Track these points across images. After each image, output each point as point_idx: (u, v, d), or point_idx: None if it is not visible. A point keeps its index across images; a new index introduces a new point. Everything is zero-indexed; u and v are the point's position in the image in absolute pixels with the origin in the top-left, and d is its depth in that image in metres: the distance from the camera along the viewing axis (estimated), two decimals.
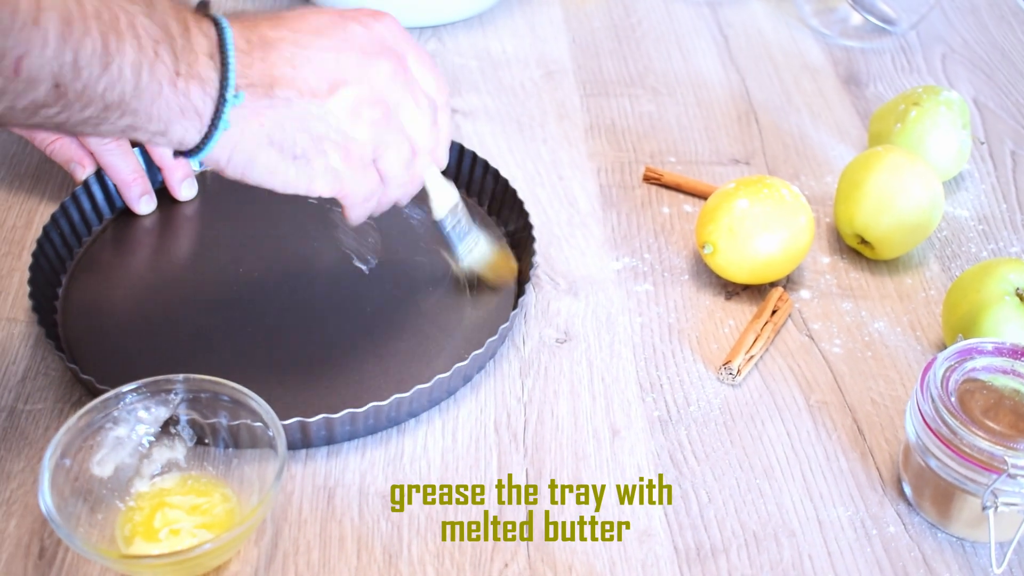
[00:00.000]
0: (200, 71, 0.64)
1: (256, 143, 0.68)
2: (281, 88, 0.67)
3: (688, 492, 0.76)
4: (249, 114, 0.67)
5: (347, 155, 0.71)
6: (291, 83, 0.67)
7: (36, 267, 0.83)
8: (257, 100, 0.66)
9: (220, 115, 0.65)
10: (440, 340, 0.84)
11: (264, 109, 0.67)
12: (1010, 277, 0.81)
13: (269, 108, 0.67)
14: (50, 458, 0.66)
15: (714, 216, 0.88)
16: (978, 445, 0.68)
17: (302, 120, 0.68)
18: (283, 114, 0.68)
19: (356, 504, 0.74)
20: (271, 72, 0.67)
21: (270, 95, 0.67)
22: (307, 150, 0.69)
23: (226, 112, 0.65)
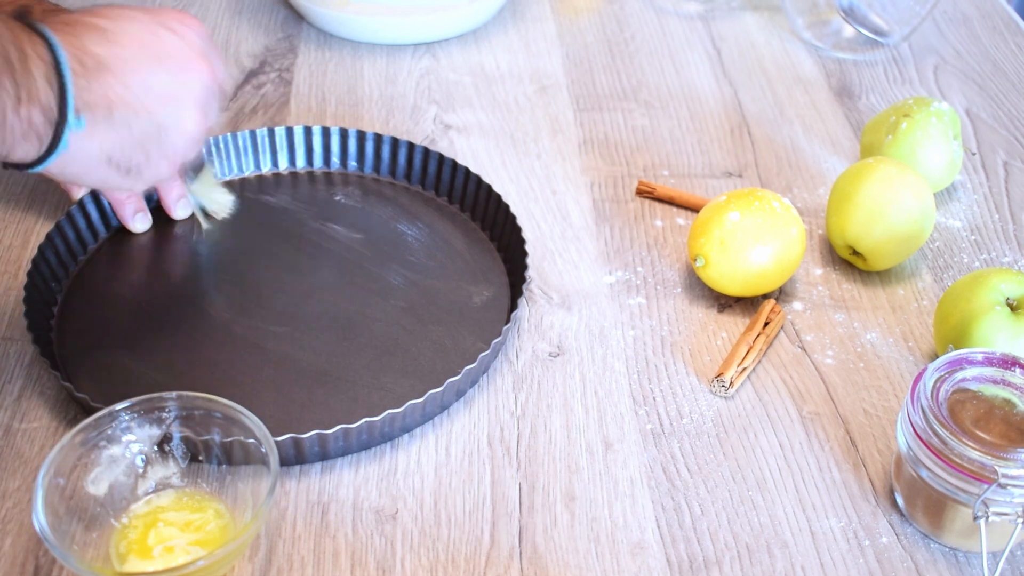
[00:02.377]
0: (40, 97, 0.67)
1: (92, 161, 0.72)
2: (120, 110, 0.71)
3: (681, 504, 0.76)
4: (89, 136, 0.70)
5: (172, 163, 0.76)
6: (128, 104, 0.71)
7: (32, 286, 0.84)
8: (96, 123, 0.70)
9: (60, 139, 0.68)
10: (433, 355, 0.84)
11: (104, 132, 0.70)
12: (1001, 287, 0.82)
13: (109, 131, 0.71)
14: (44, 477, 0.67)
15: (705, 229, 0.89)
16: (969, 455, 0.68)
17: (138, 139, 0.72)
18: (123, 135, 0.72)
19: (350, 519, 0.74)
20: (107, 94, 0.70)
21: (110, 118, 0.70)
22: (140, 165, 0.74)
23: (66, 135, 0.68)
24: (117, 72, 0.70)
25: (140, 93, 0.71)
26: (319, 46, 1.22)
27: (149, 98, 0.72)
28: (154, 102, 0.72)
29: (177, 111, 0.74)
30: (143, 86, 0.72)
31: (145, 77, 0.72)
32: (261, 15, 1.28)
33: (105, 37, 0.71)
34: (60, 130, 0.68)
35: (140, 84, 0.71)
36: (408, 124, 1.10)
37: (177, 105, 0.74)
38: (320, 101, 1.13)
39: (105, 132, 0.71)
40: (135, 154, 0.73)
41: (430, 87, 1.16)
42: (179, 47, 0.75)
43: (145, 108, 0.72)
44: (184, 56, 0.75)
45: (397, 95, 1.15)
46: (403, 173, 1.01)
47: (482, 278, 0.92)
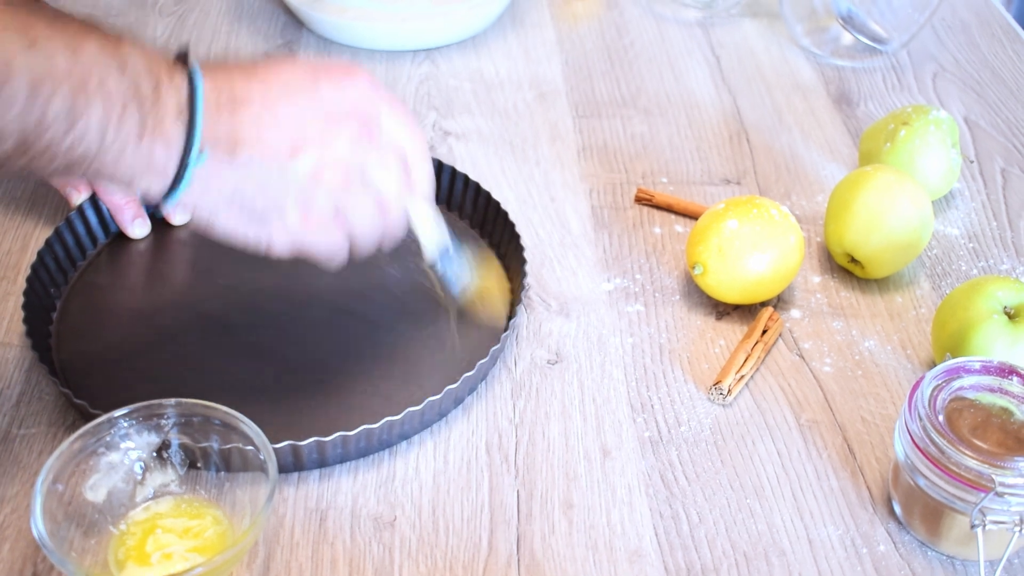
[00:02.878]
0: (167, 130, 0.65)
1: (217, 200, 0.68)
2: (244, 149, 0.67)
3: (679, 512, 0.76)
4: (211, 172, 0.67)
5: (306, 216, 0.71)
6: (254, 145, 0.67)
7: (31, 291, 0.84)
8: (219, 160, 0.67)
9: (183, 173, 0.66)
10: (431, 362, 0.85)
11: (225, 169, 0.67)
12: (998, 295, 0.82)
13: (230, 168, 0.67)
14: (42, 483, 0.67)
15: (704, 237, 0.89)
16: (966, 464, 0.68)
17: (262, 181, 0.69)
18: (243, 175, 0.68)
19: (348, 527, 0.74)
20: (236, 132, 0.67)
21: (232, 155, 0.67)
22: (266, 210, 0.70)
23: (189, 170, 0.66)
24: (250, 109, 0.67)
25: (269, 134, 0.68)
26: (319, 52, 1.22)
27: (276, 141, 0.68)
28: (281, 148, 0.68)
29: (308, 163, 0.69)
30: (274, 128, 0.68)
31: (278, 118, 0.68)
32: (261, 21, 1.28)
33: (254, 76, 0.69)
34: (184, 166, 0.66)
35: (271, 124, 0.68)
36: None
37: (312, 155, 0.69)
38: None
39: (227, 172, 0.67)
40: (257, 196, 0.69)
41: (429, 93, 1.16)
42: (333, 100, 0.71)
43: (271, 151, 0.68)
44: (333, 109, 0.70)
45: None
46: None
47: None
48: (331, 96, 0.71)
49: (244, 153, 0.67)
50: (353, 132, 0.71)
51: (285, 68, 0.71)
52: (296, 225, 0.71)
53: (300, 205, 0.70)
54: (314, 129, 0.69)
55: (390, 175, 0.73)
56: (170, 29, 1.25)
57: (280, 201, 0.70)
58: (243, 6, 1.30)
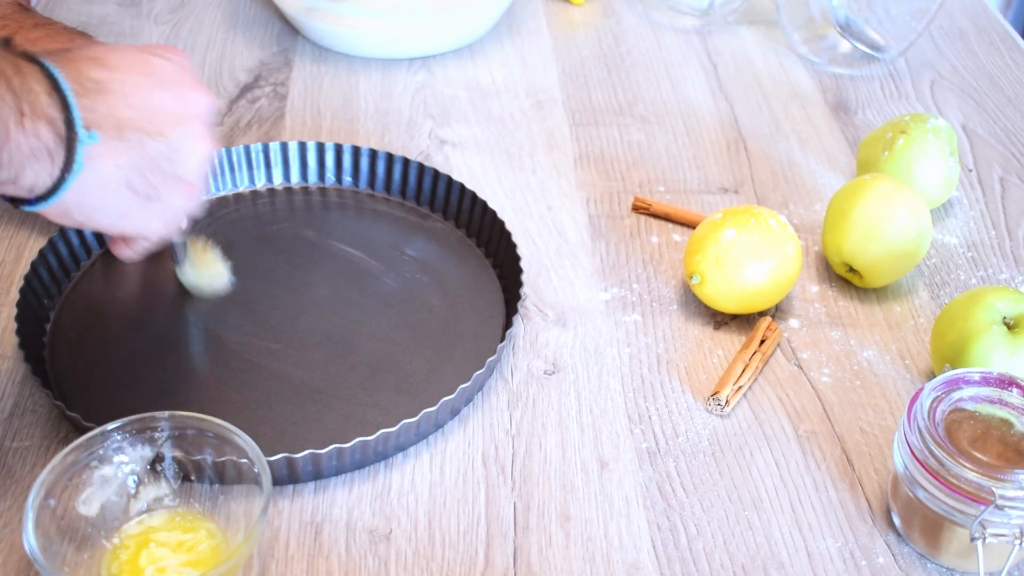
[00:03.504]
0: (44, 110, 0.63)
1: (110, 185, 0.68)
2: (131, 130, 0.67)
3: (676, 524, 0.75)
4: (104, 154, 0.66)
5: (189, 193, 0.73)
6: (138, 124, 0.68)
7: (24, 302, 0.83)
8: (110, 141, 0.66)
9: (73, 155, 0.65)
10: (427, 373, 0.84)
11: (120, 151, 0.67)
12: (997, 305, 0.81)
13: (124, 150, 0.67)
14: (34, 499, 0.66)
15: (701, 246, 0.88)
16: (966, 476, 0.68)
17: (154, 160, 0.69)
18: (138, 155, 0.68)
19: (343, 539, 0.73)
20: (115, 114, 0.67)
21: (121, 136, 0.67)
22: (160, 190, 0.71)
23: (79, 151, 0.65)
24: (119, 94, 0.68)
25: (148, 114, 0.69)
26: (314, 60, 1.22)
27: (159, 118, 0.70)
28: (164, 123, 0.70)
29: (188, 131, 0.72)
30: (149, 107, 0.69)
31: (149, 98, 0.69)
32: (256, 29, 1.27)
33: (99, 63, 0.68)
34: (73, 145, 0.64)
35: (146, 105, 0.69)
36: (403, 139, 1.10)
37: (187, 126, 0.71)
38: (315, 116, 1.13)
39: (120, 151, 0.67)
40: (153, 176, 0.70)
41: (425, 102, 1.16)
42: (174, 72, 0.73)
43: (156, 128, 0.69)
44: (182, 80, 0.73)
45: (392, 110, 1.14)
46: (398, 189, 1.01)
47: (477, 295, 0.91)
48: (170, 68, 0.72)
49: (132, 134, 0.68)
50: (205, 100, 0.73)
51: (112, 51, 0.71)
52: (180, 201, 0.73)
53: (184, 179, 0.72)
54: (179, 102, 0.71)
55: None
56: (165, 37, 1.25)
57: (169, 178, 0.71)
58: (239, 14, 1.30)
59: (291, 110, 1.14)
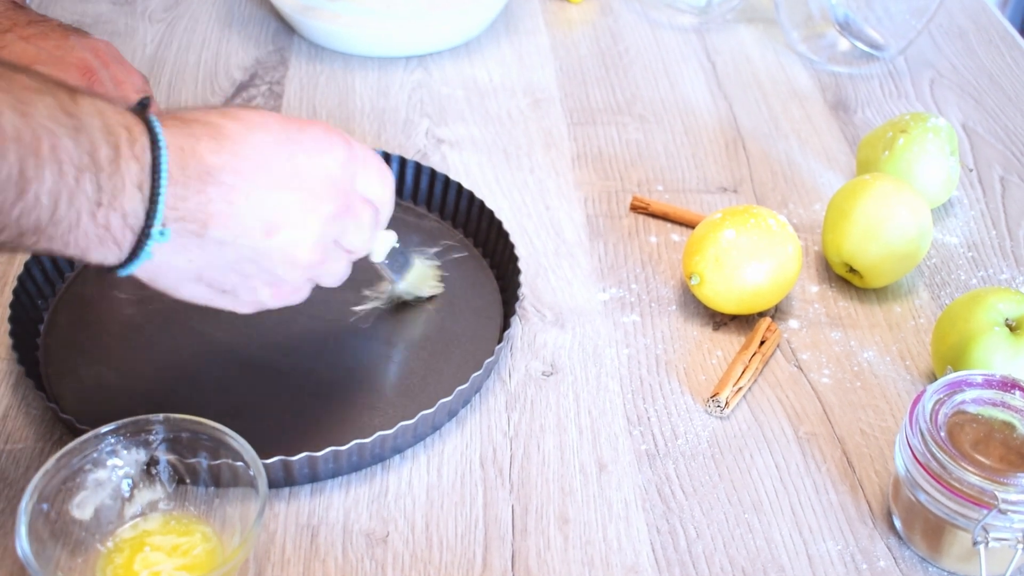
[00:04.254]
0: (124, 203, 0.60)
1: (181, 276, 0.65)
2: (215, 228, 0.63)
3: (676, 527, 0.75)
4: (176, 249, 0.63)
5: (278, 292, 0.69)
6: (226, 223, 0.63)
7: (17, 303, 0.83)
8: (186, 238, 0.63)
9: (142, 249, 0.62)
10: (424, 375, 0.83)
11: (193, 248, 0.63)
12: (999, 307, 0.81)
13: (199, 248, 0.64)
14: (28, 502, 0.65)
15: (700, 247, 0.88)
16: (968, 480, 0.67)
17: (232, 261, 0.65)
18: (213, 254, 0.64)
19: (340, 543, 0.73)
20: (206, 208, 0.63)
21: (201, 234, 0.63)
22: (236, 287, 0.67)
23: (149, 246, 0.62)
24: (221, 182, 0.63)
25: (243, 212, 0.64)
26: (310, 59, 1.21)
27: (250, 220, 0.64)
28: (258, 229, 0.64)
29: (287, 243, 0.66)
30: (247, 205, 0.64)
31: (251, 195, 0.64)
32: (252, 27, 1.27)
33: (223, 145, 0.63)
34: (143, 241, 0.61)
35: (244, 201, 0.63)
36: (400, 138, 1.09)
37: (288, 237, 0.66)
38: (311, 114, 1.12)
39: (195, 250, 0.63)
40: (229, 276, 0.66)
41: (422, 100, 1.15)
42: (309, 173, 0.67)
43: (244, 230, 0.64)
44: (310, 184, 0.67)
45: (389, 108, 1.14)
46: (395, 188, 1.00)
47: (474, 295, 0.91)
48: (307, 171, 0.67)
49: (215, 232, 0.63)
50: (330, 211, 0.68)
51: (257, 131, 0.66)
52: (267, 298, 0.69)
53: (273, 282, 0.68)
54: (290, 209, 0.66)
55: (363, 234, 0.73)
56: (160, 36, 1.24)
57: (251, 278, 0.67)
58: (234, 13, 1.29)
59: (287, 109, 1.13)
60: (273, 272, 0.67)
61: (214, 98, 1.14)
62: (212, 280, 0.66)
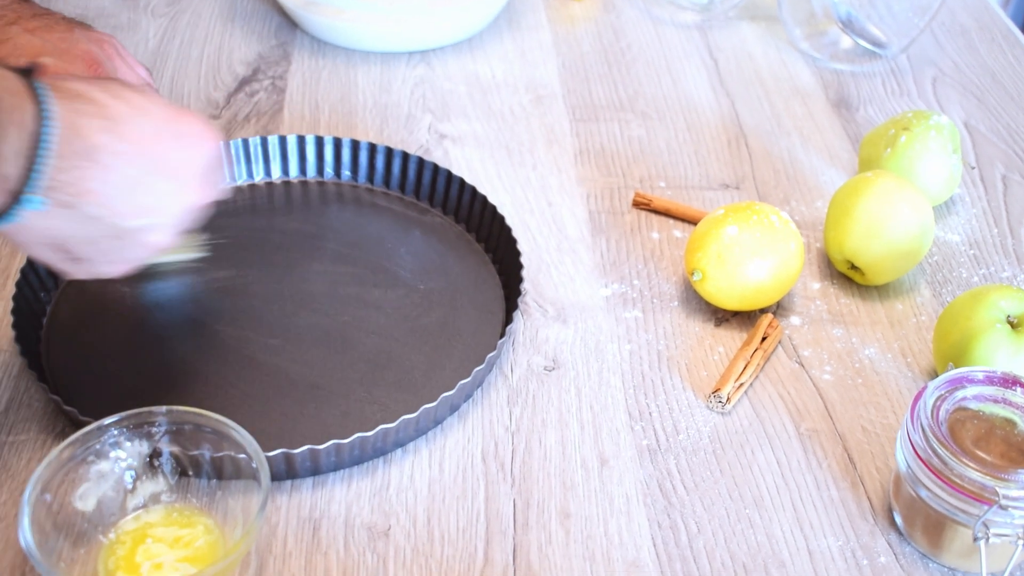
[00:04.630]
0: (3, 166, 0.60)
1: (41, 240, 0.66)
2: (87, 205, 0.64)
3: (677, 522, 0.75)
4: (45, 217, 0.63)
5: (118, 268, 0.71)
6: (99, 201, 0.65)
7: (20, 296, 0.83)
8: (58, 208, 0.63)
9: (13, 213, 0.62)
10: (426, 369, 0.83)
11: (62, 218, 0.64)
12: (1001, 304, 0.81)
13: (67, 219, 0.64)
14: (30, 494, 0.65)
15: (703, 243, 0.88)
16: (969, 476, 0.68)
17: (93, 236, 0.66)
18: (79, 227, 0.65)
19: (342, 536, 0.73)
20: (82, 184, 0.63)
21: (73, 207, 0.64)
22: (89, 257, 0.68)
23: (21, 211, 0.62)
24: (103, 166, 0.64)
25: (117, 197, 0.65)
26: (313, 54, 1.21)
27: (123, 206, 0.66)
28: (127, 212, 0.66)
29: (148, 228, 0.68)
30: (122, 192, 0.65)
31: (128, 183, 0.66)
32: (255, 22, 1.27)
33: (108, 126, 0.65)
34: (15, 207, 0.61)
35: (119, 189, 0.65)
36: (402, 133, 1.09)
37: (150, 221, 0.68)
38: (313, 109, 1.12)
39: (64, 220, 0.64)
40: (87, 249, 0.67)
41: (424, 96, 1.15)
42: (180, 165, 0.69)
43: (115, 213, 0.65)
44: (179, 177, 0.69)
45: (391, 104, 1.14)
46: (397, 183, 1.00)
47: (476, 290, 0.91)
48: (182, 161, 0.69)
49: (86, 208, 0.64)
50: (186, 202, 0.70)
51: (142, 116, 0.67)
52: (105, 271, 0.70)
53: (120, 258, 0.69)
54: (161, 197, 0.68)
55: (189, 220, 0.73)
56: (162, 30, 1.24)
57: (106, 255, 0.68)
58: (236, 7, 1.29)
59: (289, 104, 1.13)
60: (128, 251, 0.69)
61: (217, 93, 1.14)
62: (70, 250, 0.67)
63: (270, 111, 1.12)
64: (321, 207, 0.99)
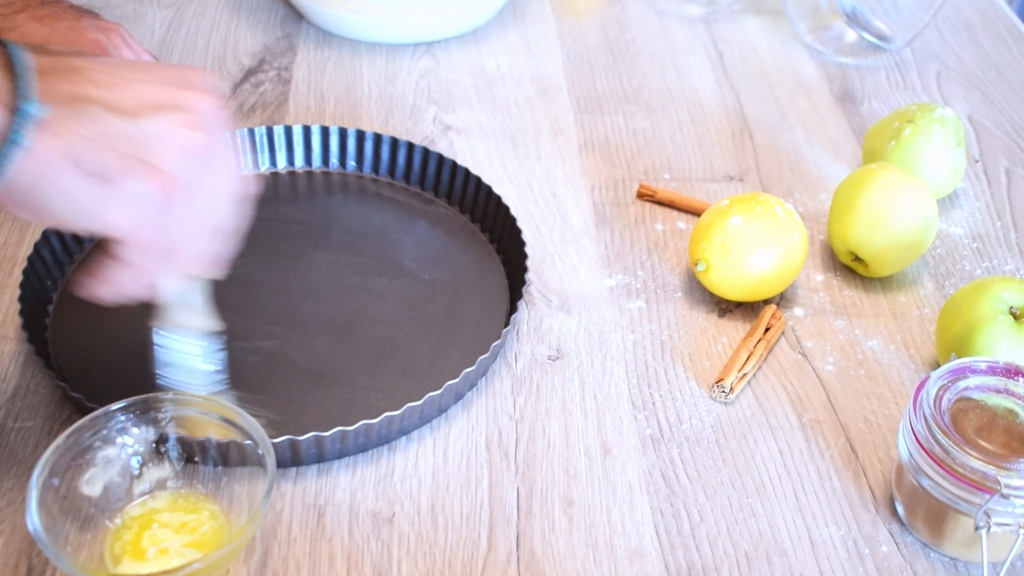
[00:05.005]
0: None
1: (55, 163, 0.59)
2: (86, 103, 0.59)
3: (680, 511, 0.75)
4: (51, 127, 0.58)
5: (158, 182, 0.62)
6: (98, 99, 0.60)
7: (27, 284, 0.83)
8: (60, 115, 0.58)
9: (18, 133, 0.57)
10: (431, 358, 0.84)
11: (68, 123, 0.59)
12: (1004, 295, 0.81)
13: (74, 122, 0.59)
14: (38, 478, 0.66)
15: (707, 233, 0.88)
16: (971, 465, 0.68)
17: (110, 136, 0.60)
18: (90, 129, 0.59)
19: (346, 522, 0.73)
20: (75, 89, 0.59)
21: (74, 109, 0.59)
22: (115, 171, 0.60)
23: (25, 128, 0.57)
24: (90, 75, 0.60)
25: (116, 94, 0.60)
26: (318, 45, 1.21)
27: (124, 100, 0.61)
28: (131, 104, 0.61)
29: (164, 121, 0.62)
30: (120, 89, 0.61)
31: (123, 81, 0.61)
32: (260, 13, 1.27)
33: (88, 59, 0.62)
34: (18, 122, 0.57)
35: (116, 86, 0.61)
36: (407, 124, 1.10)
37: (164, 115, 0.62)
38: (319, 100, 1.13)
39: (70, 121, 0.59)
40: (105, 154, 0.60)
41: (430, 87, 1.16)
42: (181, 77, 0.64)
43: (120, 107, 0.60)
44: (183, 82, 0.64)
45: (396, 95, 1.14)
46: (402, 174, 1.00)
47: (481, 280, 0.91)
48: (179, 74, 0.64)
49: (88, 107, 0.59)
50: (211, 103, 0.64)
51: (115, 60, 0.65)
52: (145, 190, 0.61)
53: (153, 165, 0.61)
54: (164, 93, 0.62)
55: (228, 190, 0.67)
56: (168, 21, 1.24)
57: (131, 159, 0.61)
58: None
59: (295, 94, 1.13)
60: (153, 151, 0.61)
61: (222, 83, 1.14)
62: (90, 163, 0.60)
63: (275, 102, 1.12)
64: (326, 197, 0.99)
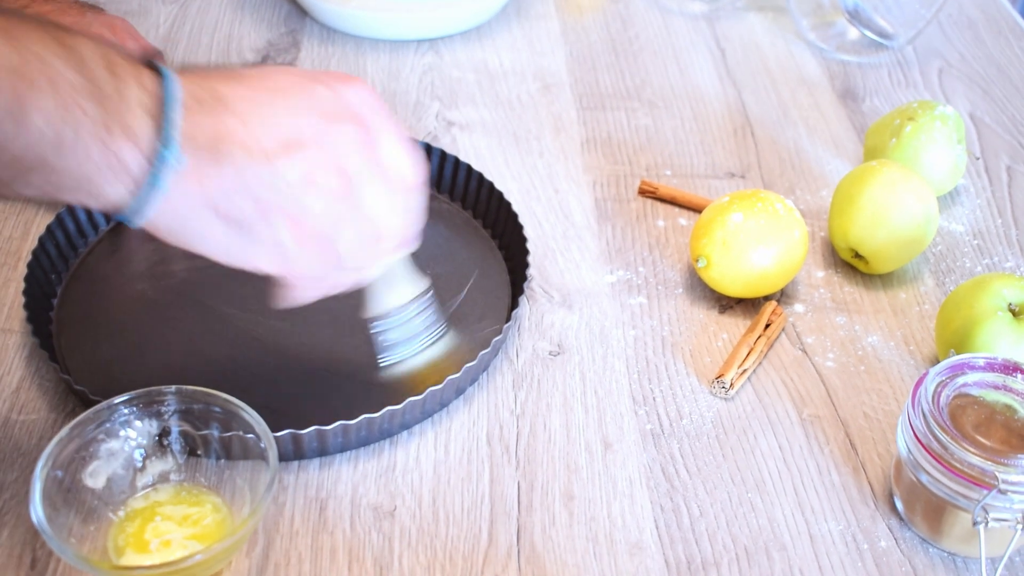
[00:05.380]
0: (134, 127, 0.57)
1: (194, 208, 0.60)
2: (227, 147, 0.59)
3: (680, 506, 0.76)
4: (189, 179, 0.59)
5: (297, 228, 0.63)
6: (239, 141, 0.60)
7: (31, 278, 0.84)
8: (199, 162, 0.59)
9: (156, 178, 0.58)
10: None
11: (206, 170, 0.59)
12: (1003, 292, 0.81)
13: (212, 169, 0.59)
14: (42, 469, 0.66)
15: (708, 230, 0.88)
16: (969, 460, 0.68)
17: (249, 185, 0.61)
18: (228, 177, 0.60)
19: (348, 516, 0.74)
20: (218, 129, 0.59)
21: (215, 155, 0.59)
22: (253, 219, 0.62)
23: (163, 174, 0.58)
24: (234, 106, 0.60)
25: (257, 132, 0.60)
26: (322, 41, 1.22)
27: (265, 138, 0.60)
28: (271, 144, 0.60)
29: (303, 164, 0.61)
30: (261, 125, 0.60)
31: (265, 115, 0.61)
32: (264, 9, 1.27)
33: (237, 79, 0.61)
34: (157, 169, 0.57)
35: (257, 121, 0.60)
36: (411, 120, 1.10)
37: (303, 157, 0.61)
38: None
39: (209, 176, 0.59)
40: (243, 202, 0.60)
41: (433, 83, 1.16)
42: (329, 102, 0.63)
43: (259, 148, 0.60)
44: (329, 111, 0.63)
45: (400, 91, 1.14)
46: None
47: (483, 275, 0.91)
48: (327, 97, 0.64)
49: (228, 151, 0.59)
50: (352, 136, 0.64)
51: (274, 73, 0.64)
52: (286, 237, 0.63)
53: (292, 213, 0.62)
54: (308, 128, 0.62)
55: (390, 199, 0.67)
56: (172, 17, 1.25)
57: (268, 208, 0.62)
58: None
59: None
60: (291, 198, 0.62)
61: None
62: (227, 210, 0.61)
63: None
64: None
